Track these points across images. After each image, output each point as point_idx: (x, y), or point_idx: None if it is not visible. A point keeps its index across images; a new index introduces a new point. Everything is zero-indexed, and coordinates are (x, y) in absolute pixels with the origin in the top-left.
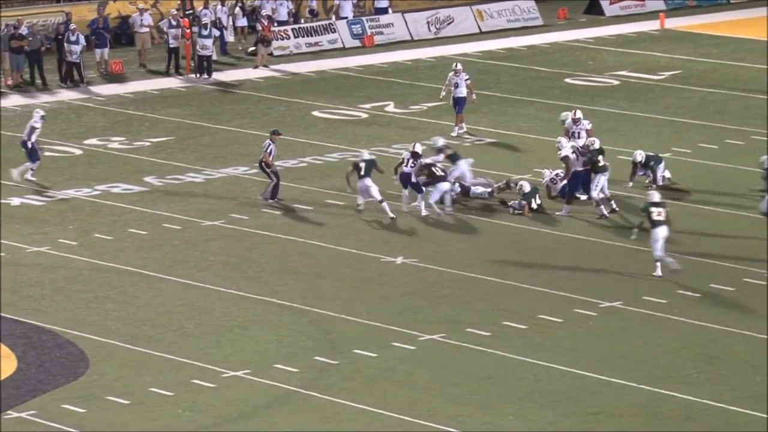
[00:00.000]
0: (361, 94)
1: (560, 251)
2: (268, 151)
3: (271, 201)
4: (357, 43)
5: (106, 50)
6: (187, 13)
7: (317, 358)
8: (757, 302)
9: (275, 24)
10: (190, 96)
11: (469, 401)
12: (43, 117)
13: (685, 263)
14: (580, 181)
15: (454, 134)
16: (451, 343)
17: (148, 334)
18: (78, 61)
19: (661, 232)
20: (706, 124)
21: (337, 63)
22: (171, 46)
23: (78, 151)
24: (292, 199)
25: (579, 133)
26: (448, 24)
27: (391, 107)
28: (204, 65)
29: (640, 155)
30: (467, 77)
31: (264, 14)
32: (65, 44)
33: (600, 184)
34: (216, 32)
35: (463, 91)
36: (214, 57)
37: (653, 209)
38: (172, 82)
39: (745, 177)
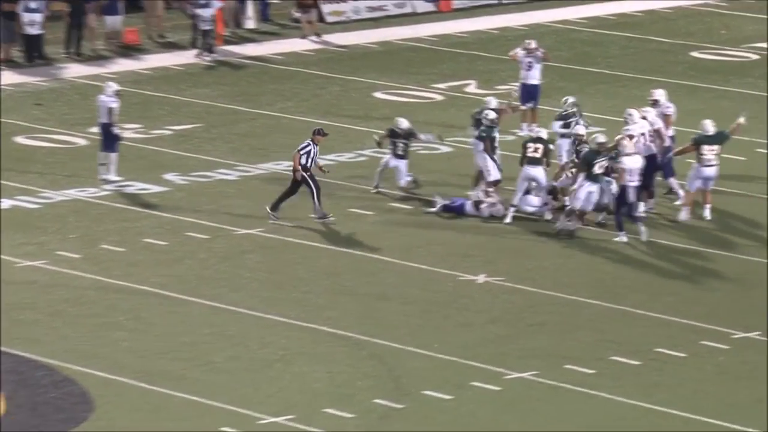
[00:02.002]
0: (435, 70)
1: (681, 268)
2: (306, 153)
3: (322, 218)
4: (431, 6)
5: (119, 18)
6: None
7: (378, 401)
8: None
9: None
10: (222, 73)
11: None
12: (117, 93)
13: None
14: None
15: (522, 133)
16: (547, 382)
17: (167, 369)
18: (39, 32)
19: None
20: None
21: (406, 32)
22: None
23: (82, 141)
24: (347, 201)
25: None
26: None
27: (472, 87)
28: (200, 40)
29: None
30: (543, 53)
31: None
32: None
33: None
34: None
35: (536, 76)
36: (252, 26)
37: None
38: (212, 55)
39: None
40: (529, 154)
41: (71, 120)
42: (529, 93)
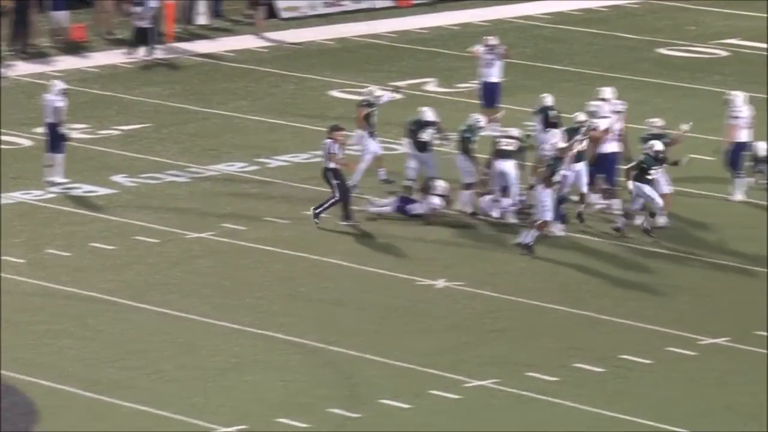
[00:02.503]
0: (393, 68)
1: (648, 272)
2: (334, 152)
3: (349, 222)
4: (390, 2)
5: (65, 14)
6: None
7: (333, 410)
8: None
9: None
10: (173, 71)
11: None
12: (64, 91)
13: None
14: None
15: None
16: (507, 390)
17: (115, 378)
18: None
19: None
20: None
21: (363, 28)
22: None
23: (27, 142)
24: (302, 203)
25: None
26: None
27: (432, 85)
28: (140, 37)
29: (762, 148)
30: (503, 50)
31: None
32: None
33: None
34: None
35: (497, 74)
36: (204, 22)
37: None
38: (152, 53)
39: None
40: (501, 147)
41: (16, 120)
42: (490, 91)
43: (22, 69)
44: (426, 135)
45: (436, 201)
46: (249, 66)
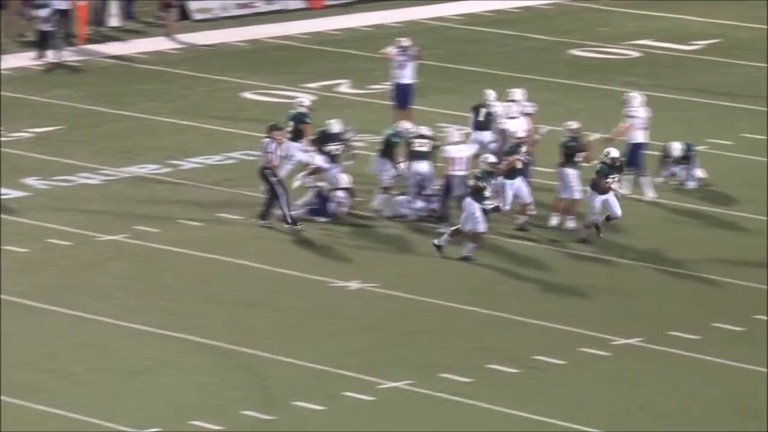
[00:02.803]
0: (306, 69)
1: (561, 273)
2: (271, 151)
3: (293, 224)
4: (302, 3)
5: None
6: None
7: (247, 412)
8: None
9: None
10: (85, 73)
11: None
12: None
13: (726, 290)
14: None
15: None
16: (421, 392)
17: (27, 381)
18: None
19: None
20: (753, 108)
21: (276, 30)
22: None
23: None
24: (215, 206)
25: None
26: None
27: (345, 87)
28: (44, 40)
29: (677, 149)
30: (416, 52)
31: None
32: None
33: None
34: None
35: (409, 75)
36: (115, 24)
37: None
38: (59, 55)
39: None
40: (415, 149)
41: None
42: (403, 92)
43: None
44: (331, 148)
45: (341, 194)
46: (161, 68)
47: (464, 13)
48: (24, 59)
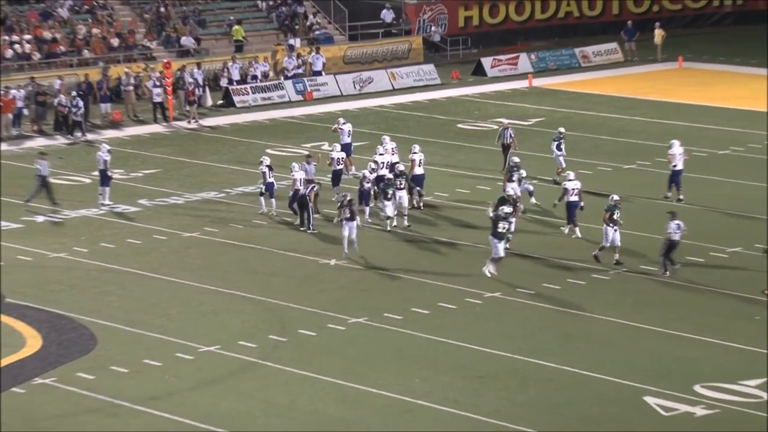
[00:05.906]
0: (303, 135)
1: (457, 254)
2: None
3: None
4: (300, 97)
5: (109, 104)
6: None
7: (271, 336)
8: (605, 294)
9: (200, 88)
10: (173, 138)
11: (386, 369)
12: (109, 150)
13: (538, 265)
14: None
15: (348, 174)
16: (373, 325)
17: (141, 319)
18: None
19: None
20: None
21: (285, 113)
22: (156, 101)
23: (88, 180)
24: (251, 216)
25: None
26: (369, 83)
27: (326, 146)
28: (67, 125)
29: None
30: (349, 129)
31: (188, 80)
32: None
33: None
34: (80, 102)
35: (346, 139)
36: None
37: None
38: (158, 128)
39: (592, 202)
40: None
41: (81, 167)
42: (346, 149)
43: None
44: None
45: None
46: (218, 135)
47: (396, 102)
48: (137, 130)
